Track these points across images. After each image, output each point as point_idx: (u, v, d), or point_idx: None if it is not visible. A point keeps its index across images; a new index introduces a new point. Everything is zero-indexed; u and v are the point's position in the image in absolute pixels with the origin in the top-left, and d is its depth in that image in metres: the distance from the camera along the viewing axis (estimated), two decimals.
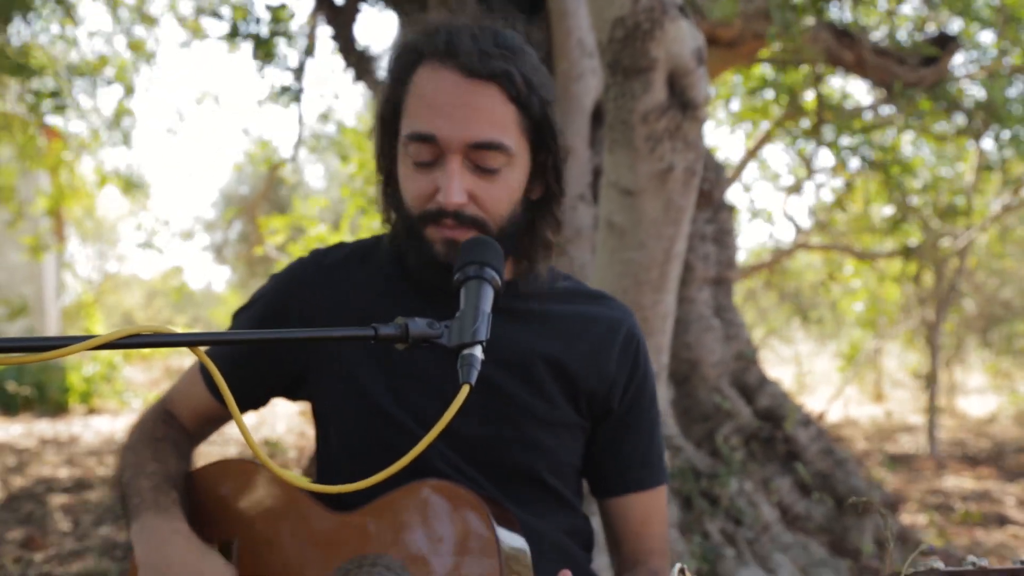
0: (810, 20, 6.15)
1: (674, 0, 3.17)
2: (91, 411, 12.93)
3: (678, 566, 1.36)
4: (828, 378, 16.38)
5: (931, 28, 7.02)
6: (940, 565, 1.23)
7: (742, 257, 13.60)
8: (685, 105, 3.21)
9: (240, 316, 1.73)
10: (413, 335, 1.22)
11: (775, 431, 4.89)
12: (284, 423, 11.23)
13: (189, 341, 1.07)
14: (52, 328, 16.97)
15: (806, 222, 11.58)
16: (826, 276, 8.62)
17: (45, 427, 10.84)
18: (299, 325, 1.64)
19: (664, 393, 4.65)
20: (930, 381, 9.63)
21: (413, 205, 1.54)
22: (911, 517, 6.11)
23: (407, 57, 1.57)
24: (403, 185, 1.55)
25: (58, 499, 6.38)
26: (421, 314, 1.32)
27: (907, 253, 9.52)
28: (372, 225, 9.13)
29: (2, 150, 9.42)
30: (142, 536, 1.55)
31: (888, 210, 10.53)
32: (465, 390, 1.18)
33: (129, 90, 9.15)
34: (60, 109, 8.14)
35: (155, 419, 1.78)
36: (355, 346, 1.61)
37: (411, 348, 1.23)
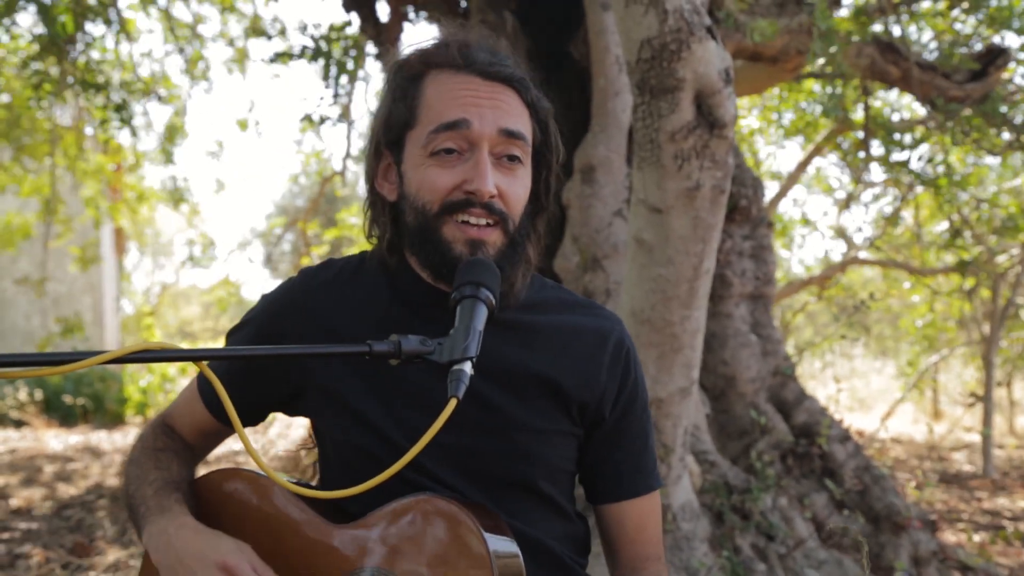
0: (856, 38, 6.12)
1: (702, 21, 3.21)
2: (147, 422, 13.17)
3: None
4: (885, 395, 16.16)
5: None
6: None
7: (798, 271, 13.53)
8: (712, 124, 3.25)
9: (232, 337, 1.76)
10: (406, 351, 1.30)
11: (811, 447, 4.87)
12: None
13: (194, 356, 1.15)
14: (112, 340, 17.34)
15: (859, 237, 11.48)
16: (868, 295, 8.52)
17: (102, 437, 11.10)
18: (290, 345, 1.65)
19: (699, 408, 4.66)
20: (985, 399, 9.46)
21: (433, 200, 1.53)
22: (956, 536, 6.03)
23: (415, 68, 1.60)
24: (418, 186, 1.56)
25: (108, 508, 6.55)
26: (407, 330, 1.39)
27: (963, 268, 9.39)
28: None
29: (46, 161, 9.69)
30: (152, 541, 1.58)
31: (943, 225, 10.42)
32: (452, 403, 1.26)
33: (180, 110, 9.43)
34: (125, 122, 8.40)
35: (155, 433, 1.83)
36: (344, 364, 1.64)
37: (404, 364, 1.30)
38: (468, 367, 1.30)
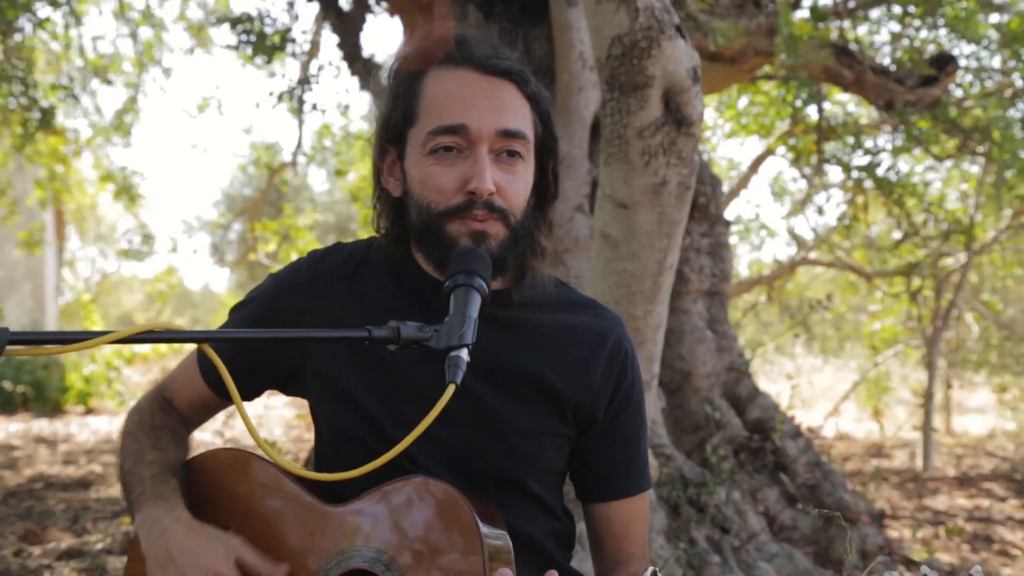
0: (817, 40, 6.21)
1: (671, 20, 3.25)
2: (89, 411, 12.96)
3: (650, 570, 1.42)
4: (828, 394, 16.43)
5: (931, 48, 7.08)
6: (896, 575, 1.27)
7: (745, 271, 13.71)
8: (680, 122, 3.30)
9: (235, 313, 1.77)
10: (404, 337, 1.32)
11: (764, 442, 4.96)
12: (281, 426, 11.31)
13: (197, 338, 1.16)
14: (51, 327, 17.04)
15: (809, 238, 11.65)
16: (825, 296, 8.68)
17: (44, 425, 10.90)
18: (292, 326, 1.65)
19: (656, 402, 4.72)
20: (925, 399, 9.68)
21: (436, 200, 1.55)
22: (899, 532, 6.17)
23: (415, 65, 1.61)
24: (421, 184, 1.57)
25: (56, 496, 6.45)
26: (409, 320, 1.40)
27: (909, 271, 9.59)
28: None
29: None
30: (144, 527, 1.59)
31: (890, 227, 10.63)
32: (451, 389, 1.27)
33: (132, 103, 9.27)
34: (73, 101, 8.22)
35: (153, 407, 1.81)
36: (345, 349, 1.65)
37: (401, 349, 1.32)
38: (465, 353, 1.32)
